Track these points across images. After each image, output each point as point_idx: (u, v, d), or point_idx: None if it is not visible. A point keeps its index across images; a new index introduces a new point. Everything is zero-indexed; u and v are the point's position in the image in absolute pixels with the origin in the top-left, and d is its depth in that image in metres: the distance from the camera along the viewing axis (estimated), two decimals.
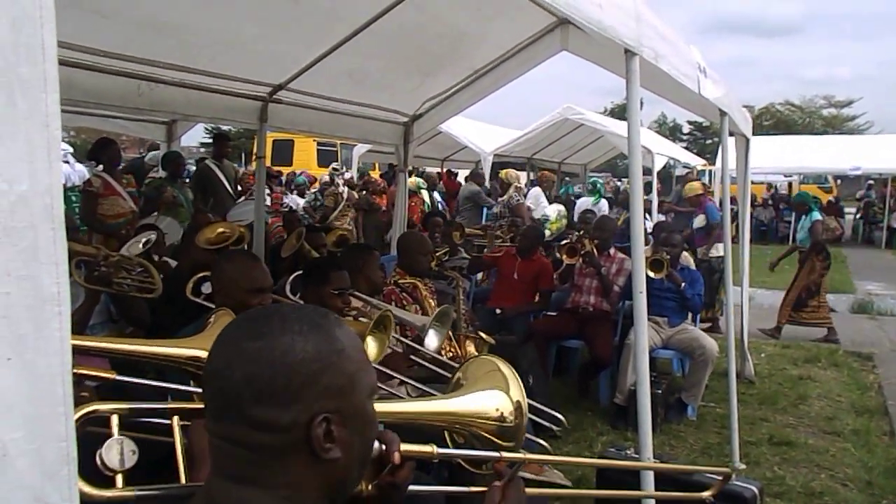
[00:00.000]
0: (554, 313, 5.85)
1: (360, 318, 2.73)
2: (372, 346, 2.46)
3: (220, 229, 3.85)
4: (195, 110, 4.90)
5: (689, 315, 5.42)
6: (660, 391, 4.74)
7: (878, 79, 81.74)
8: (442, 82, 5.77)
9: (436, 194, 11.76)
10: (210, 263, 3.18)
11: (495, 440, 1.28)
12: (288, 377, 0.90)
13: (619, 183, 28.38)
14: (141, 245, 4.61)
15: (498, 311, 5.61)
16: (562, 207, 11.88)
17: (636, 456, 2.90)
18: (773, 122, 43.65)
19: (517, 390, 1.30)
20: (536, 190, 11.30)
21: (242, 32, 4.24)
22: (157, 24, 3.92)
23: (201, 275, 2.85)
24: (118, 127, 7.56)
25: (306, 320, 0.96)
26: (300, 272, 3.08)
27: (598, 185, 12.50)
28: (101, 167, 6.05)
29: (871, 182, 20.94)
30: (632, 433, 4.62)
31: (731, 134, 5.97)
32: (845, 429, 4.84)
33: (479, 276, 5.67)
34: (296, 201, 13.20)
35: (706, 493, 1.71)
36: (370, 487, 1.10)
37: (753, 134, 5.98)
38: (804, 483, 3.96)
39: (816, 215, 7.53)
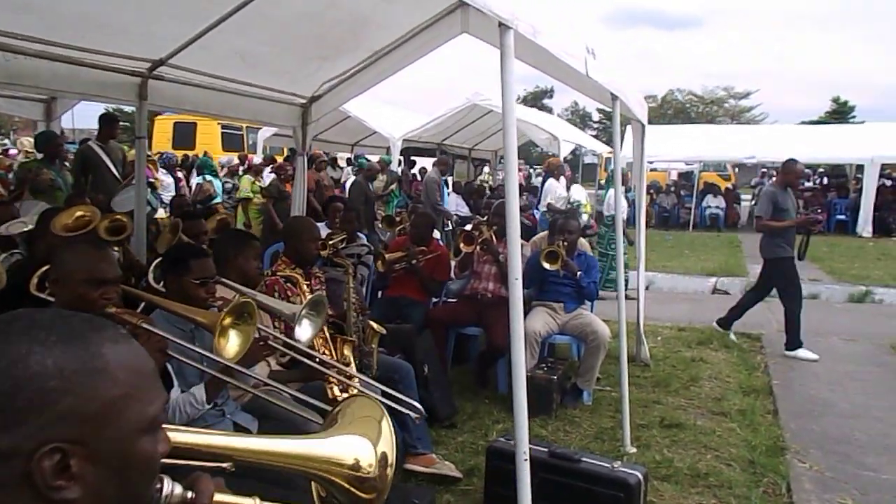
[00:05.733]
0: (453, 300, 5.78)
1: (225, 310, 2.53)
2: (234, 340, 2.26)
3: (80, 213, 3.53)
4: (64, 85, 4.50)
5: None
6: (555, 377, 4.73)
7: (775, 72, 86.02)
8: (341, 65, 5.56)
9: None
10: None
11: (354, 491, 1.15)
12: (10, 394, 0.73)
13: (531, 170, 28.78)
14: (24, 227, 4.24)
15: None
16: (580, 187, 11.70)
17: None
18: (674, 111, 45.35)
19: (387, 443, 1.20)
20: (552, 181, 10.78)
21: (113, 11, 3.93)
22: (16, 4, 3.57)
23: (47, 267, 2.56)
24: None
25: (60, 329, 0.79)
26: (160, 259, 2.84)
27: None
28: None
29: (765, 170, 21.98)
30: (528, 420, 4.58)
31: (628, 122, 6.04)
32: (732, 409, 4.97)
33: (378, 264, 5.50)
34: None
35: None
36: None
37: (657, 123, 6.06)
38: (691, 464, 4.02)
39: None
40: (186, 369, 2.48)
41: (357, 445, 1.17)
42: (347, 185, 12.92)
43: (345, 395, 3.31)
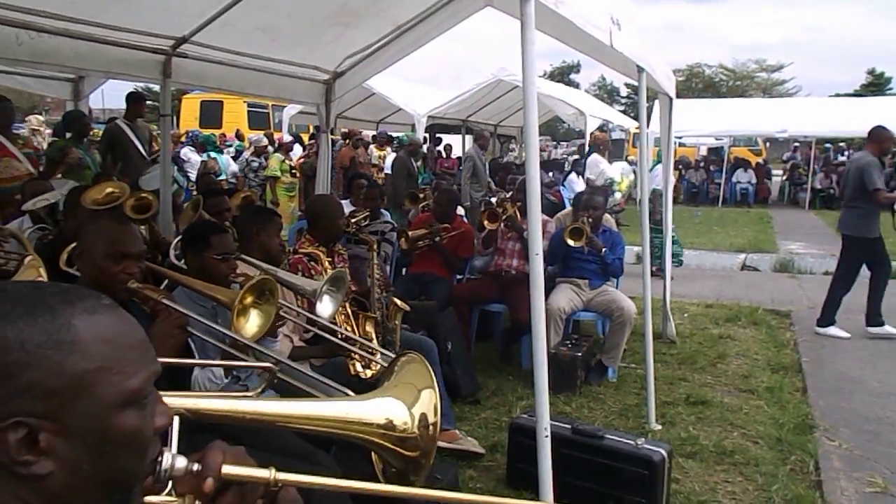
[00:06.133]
0: (477, 277, 5.76)
1: (244, 288, 2.53)
2: (255, 319, 2.26)
3: (109, 189, 3.57)
4: (88, 63, 4.54)
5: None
6: (579, 354, 4.70)
7: (805, 44, 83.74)
8: (363, 37, 5.52)
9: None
10: None
11: (397, 450, 1.18)
12: None
13: (555, 146, 28.54)
14: (48, 202, 4.30)
15: None
16: (626, 165, 11.51)
17: None
18: (704, 85, 44.40)
19: (427, 406, 1.21)
20: (595, 157, 10.43)
21: None
22: None
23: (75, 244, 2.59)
24: (17, 83, 7.03)
25: (27, 300, 0.77)
26: (180, 237, 2.85)
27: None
28: None
29: (797, 144, 21.52)
30: (551, 396, 4.56)
31: (656, 96, 5.92)
32: (760, 386, 4.91)
33: (402, 241, 5.50)
34: (228, 164, 12.73)
35: None
36: None
37: (685, 97, 5.95)
38: (717, 442, 3.98)
39: None
40: (209, 347, 2.50)
41: (388, 406, 1.18)
42: (387, 162, 12.71)
43: (368, 370, 3.35)
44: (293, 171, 10.84)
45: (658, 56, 5.00)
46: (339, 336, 3.10)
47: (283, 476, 0.97)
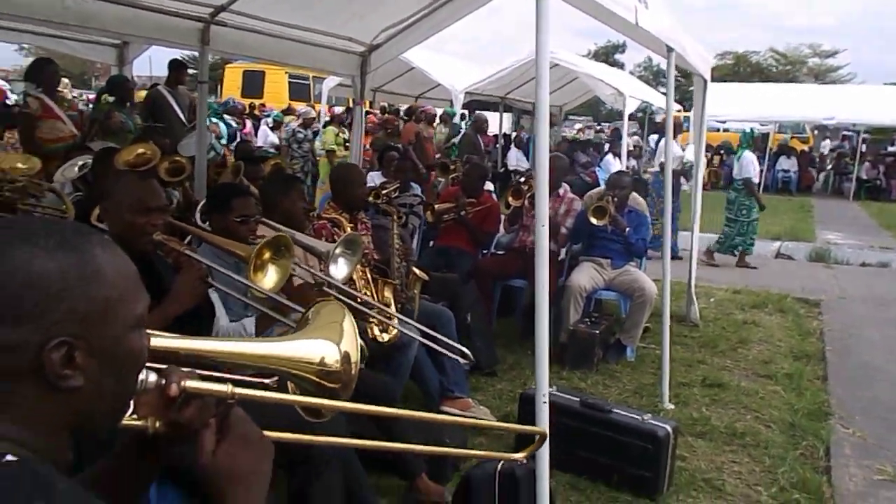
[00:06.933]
0: (501, 252, 5.81)
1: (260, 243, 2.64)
2: (272, 274, 2.38)
3: (141, 150, 3.70)
4: (129, 29, 4.69)
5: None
6: (597, 331, 4.74)
7: (862, 28, 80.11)
8: (400, 10, 5.57)
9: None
10: None
11: (321, 382, 1.28)
12: (18, 294, 0.83)
13: (598, 127, 28.22)
14: (77, 169, 4.47)
15: None
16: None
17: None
18: (752, 70, 43.16)
19: (350, 342, 1.31)
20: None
21: None
22: None
23: None
24: (66, 48, 7.25)
25: (56, 236, 0.87)
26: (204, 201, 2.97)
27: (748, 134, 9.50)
28: (39, 88, 5.79)
29: (847, 133, 20.95)
30: (567, 372, 4.64)
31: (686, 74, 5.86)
32: (779, 372, 4.89)
33: (428, 214, 5.57)
34: (267, 134, 12.88)
35: (519, 455, 1.74)
36: (158, 425, 1.04)
37: (731, 81, 5.88)
38: (728, 423, 4.01)
39: None
40: (231, 301, 2.61)
41: (323, 347, 1.30)
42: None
43: (385, 335, 3.46)
44: (347, 143, 10.82)
45: (692, 36, 4.95)
46: (358, 301, 3.20)
47: (239, 390, 1.07)
